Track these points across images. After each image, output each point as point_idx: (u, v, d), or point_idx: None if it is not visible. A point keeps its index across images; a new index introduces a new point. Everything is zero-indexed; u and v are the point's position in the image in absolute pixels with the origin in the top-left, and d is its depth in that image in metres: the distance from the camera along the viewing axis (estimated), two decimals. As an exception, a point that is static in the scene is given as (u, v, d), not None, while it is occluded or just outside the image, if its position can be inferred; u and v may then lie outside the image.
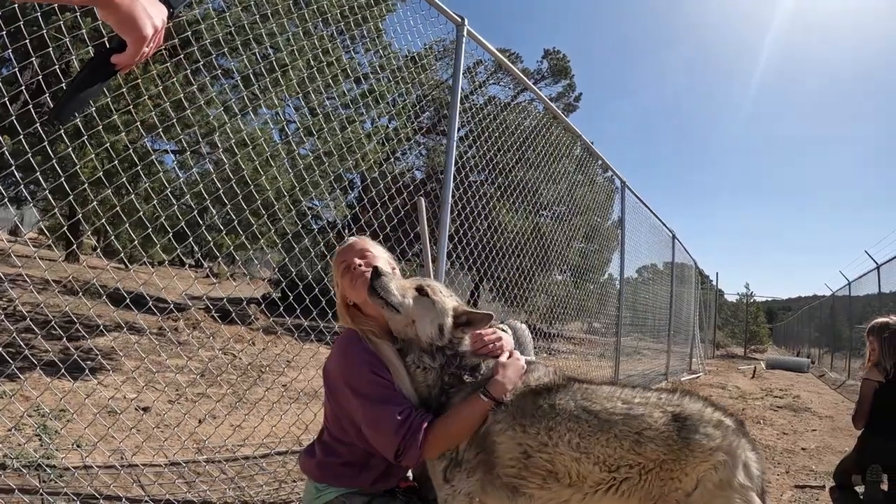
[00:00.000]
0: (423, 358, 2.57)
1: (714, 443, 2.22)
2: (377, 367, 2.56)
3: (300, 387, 7.46)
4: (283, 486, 4.87)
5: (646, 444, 2.24)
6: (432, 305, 2.60)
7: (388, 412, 2.45)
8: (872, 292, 19.66)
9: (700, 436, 2.23)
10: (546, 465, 2.31)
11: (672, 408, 2.34)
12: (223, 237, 7.01)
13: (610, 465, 2.25)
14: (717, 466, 2.19)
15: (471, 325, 2.65)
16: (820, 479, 6.63)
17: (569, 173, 9.89)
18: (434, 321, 2.58)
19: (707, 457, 2.20)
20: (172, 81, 5.91)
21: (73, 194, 4.83)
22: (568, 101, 27.82)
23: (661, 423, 2.27)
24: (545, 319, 12.23)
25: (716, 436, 2.24)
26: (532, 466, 2.33)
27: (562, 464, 2.29)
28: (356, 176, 13.33)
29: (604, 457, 2.26)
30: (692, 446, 2.22)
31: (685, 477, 2.21)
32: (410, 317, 2.57)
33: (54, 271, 8.94)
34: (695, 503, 2.19)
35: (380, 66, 7.20)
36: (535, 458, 2.32)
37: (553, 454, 2.30)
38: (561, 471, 2.30)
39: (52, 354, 4.72)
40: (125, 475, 4.44)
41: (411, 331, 2.58)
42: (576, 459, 2.27)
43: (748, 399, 13.23)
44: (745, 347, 43.55)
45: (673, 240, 16.77)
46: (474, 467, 2.41)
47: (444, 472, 2.45)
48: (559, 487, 2.31)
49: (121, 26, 1.39)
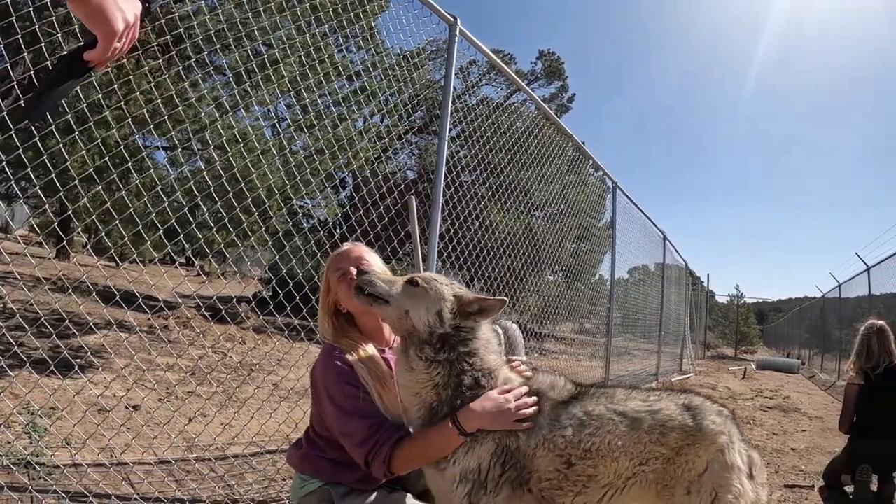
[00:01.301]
0: (425, 349, 2.41)
1: (720, 427, 2.44)
2: (354, 380, 2.57)
3: (290, 385, 7.44)
4: (273, 484, 4.86)
5: (669, 433, 2.41)
6: (425, 293, 2.46)
7: (357, 425, 2.47)
8: (863, 294, 19.75)
9: (709, 422, 2.44)
10: (588, 471, 2.35)
11: (681, 400, 2.55)
12: (214, 234, 6.98)
13: (642, 459, 2.38)
14: (723, 449, 2.40)
15: (483, 313, 2.52)
16: (809, 479, 6.66)
17: (561, 174, 9.90)
18: (430, 308, 2.44)
19: (716, 438, 2.40)
20: (164, 77, 5.89)
21: (63, 190, 4.80)
22: (561, 101, 27.85)
23: (678, 414, 2.45)
24: (536, 320, 12.23)
25: (719, 422, 2.47)
26: (573, 475, 2.35)
27: (603, 466, 2.36)
28: (347, 174, 13.32)
29: (637, 452, 2.38)
30: (704, 430, 2.41)
31: (698, 459, 2.39)
32: (402, 307, 2.45)
33: (44, 268, 8.89)
34: (704, 482, 2.37)
35: (372, 64, 7.19)
36: (578, 466, 2.35)
37: (596, 459, 2.35)
38: (601, 473, 2.36)
39: (42, 352, 4.69)
40: (114, 473, 4.43)
41: (407, 322, 2.45)
42: (615, 459, 2.36)
43: (738, 400, 13.27)
44: (736, 348, 43.71)
45: (664, 241, 16.82)
46: (500, 486, 2.32)
47: (467, 497, 2.31)
48: (595, 489, 2.38)
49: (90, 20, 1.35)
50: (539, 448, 2.34)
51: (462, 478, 2.33)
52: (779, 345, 49.49)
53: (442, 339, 2.43)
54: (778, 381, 19.29)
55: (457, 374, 2.42)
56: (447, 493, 2.39)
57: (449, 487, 2.36)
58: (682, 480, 2.38)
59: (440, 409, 2.41)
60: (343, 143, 7.15)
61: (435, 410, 2.42)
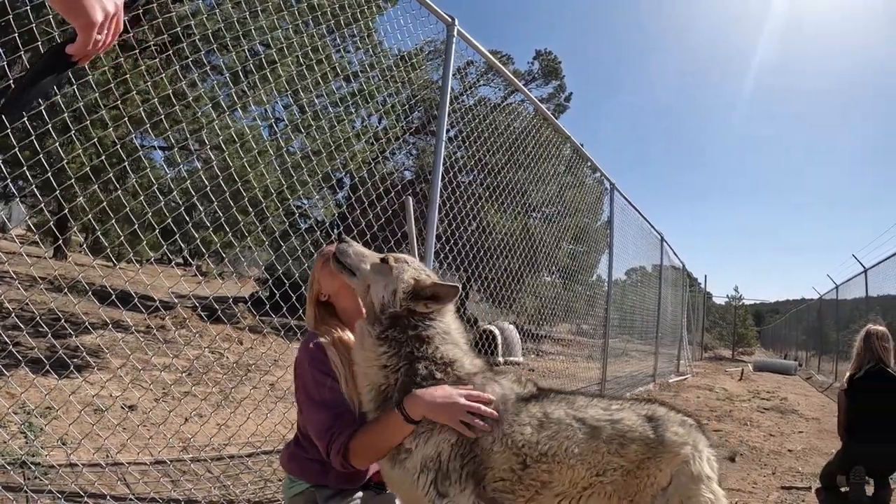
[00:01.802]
0: (376, 326, 2.42)
1: (682, 438, 2.38)
2: (327, 368, 2.57)
3: (286, 386, 7.42)
4: (269, 484, 4.85)
5: (629, 445, 2.34)
6: (389, 271, 2.49)
7: (322, 414, 2.48)
8: (860, 296, 19.77)
9: (671, 433, 2.38)
10: (543, 476, 2.28)
11: (644, 411, 2.48)
12: (211, 234, 6.98)
13: (599, 469, 2.31)
14: (688, 460, 2.34)
15: (436, 300, 2.46)
16: (806, 481, 6.67)
17: (558, 175, 9.90)
18: (388, 286, 2.46)
19: (679, 450, 2.34)
20: (162, 77, 5.89)
21: (60, 190, 4.79)
22: (558, 101, 27.83)
23: (639, 425, 2.39)
24: (533, 321, 12.25)
25: (682, 433, 2.40)
26: (527, 478, 2.28)
27: (558, 472, 2.29)
28: (345, 175, 13.31)
29: (594, 461, 2.31)
30: (666, 443, 2.35)
31: (660, 473, 2.33)
32: (366, 281, 2.50)
33: (41, 268, 8.88)
34: (670, 496, 2.31)
35: (370, 64, 7.19)
36: (533, 469, 2.27)
37: (552, 464, 2.28)
38: (556, 480, 2.29)
39: (38, 351, 4.70)
40: (110, 473, 4.42)
41: (368, 297, 2.50)
42: (571, 467, 2.29)
43: (735, 401, 13.29)
44: (733, 350, 43.74)
45: (661, 242, 16.82)
46: (463, 480, 2.26)
47: (433, 485, 2.25)
48: (548, 497, 2.31)
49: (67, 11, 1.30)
50: (497, 443, 2.28)
51: (423, 467, 2.27)
52: (776, 346, 49.53)
53: (393, 318, 2.42)
54: (775, 383, 19.32)
55: (407, 358, 2.37)
56: (410, 488, 2.33)
57: (411, 480, 2.30)
58: (645, 495, 2.33)
59: (391, 395, 2.36)
60: (340, 143, 7.15)
61: (386, 395, 2.38)
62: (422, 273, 2.55)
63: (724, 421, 10.36)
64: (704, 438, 2.46)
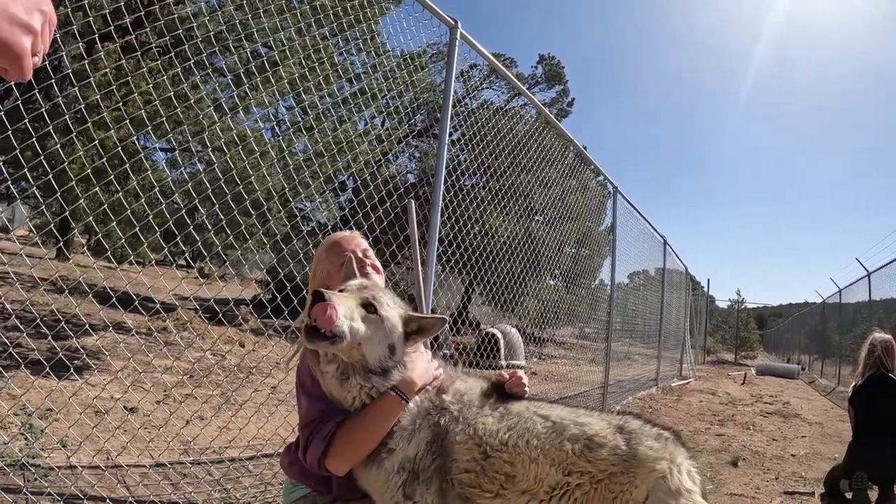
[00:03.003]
0: (372, 379, 2.28)
1: (658, 453, 2.29)
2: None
3: (288, 389, 7.40)
4: (270, 488, 4.84)
5: (597, 450, 2.27)
6: (381, 323, 2.28)
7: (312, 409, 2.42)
8: (863, 299, 19.75)
9: (645, 448, 2.29)
10: (506, 468, 2.25)
11: (616, 421, 2.42)
12: (213, 236, 6.98)
13: (564, 469, 2.26)
14: (665, 475, 2.24)
15: (422, 333, 2.41)
16: (809, 486, 6.65)
17: (561, 178, 9.89)
18: (383, 341, 2.29)
19: (654, 465, 2.25)
20: (164, 79, 5.88)
21: (61, 191, 4.78)
22: (561, 105, 27.86)
23: (609, 433, 2.33)
24: (536, 324, 12.23)
25: (657, 447, 2.31)
26: (490, 469, 2.25)
27: (521, 464, 2.25)
28: (347, 177, 13.31)
29: (559, 459, 2.26)
30: (640, 457, 2.27)
31: (635, 489, 2.24)
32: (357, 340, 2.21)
33: (43, 269, 8.88)
34: None
35: (373, 66, 7.18)
36: (494, 459, 2.25)
37: (513, 454, 2.25)
38: (520, 473, 2.25)
39: (39, 353, 4.69)
40: (110, 475, 4.41)
41: (357, 353, 2.25)
42: (534, 460, 2.25)
43: (738, 405, 13.26)
44: (736, 353, 43.65)
45: (664, 245, 16.81)
46: (431, 477, 2.25)
47: (401, 488, 2.23)
48: (515, 494, 2.26)
49: None
50: (461, 433, 2.29)
51: (400, 467, 2.25)
52: (779, 350, 49.49)
53: (386, 368, 2.31)
54: (778, 387, 19.29)
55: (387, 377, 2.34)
56: (381, 488, 2.29)
57: (384, 480, 2.27)
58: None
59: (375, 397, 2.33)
60: (343, 145, 7.14)
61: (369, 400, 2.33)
62: (397, 305, 2.43)
63: (726, 425, 10.34)
64: (683, 451, 2.38)
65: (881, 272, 17.81)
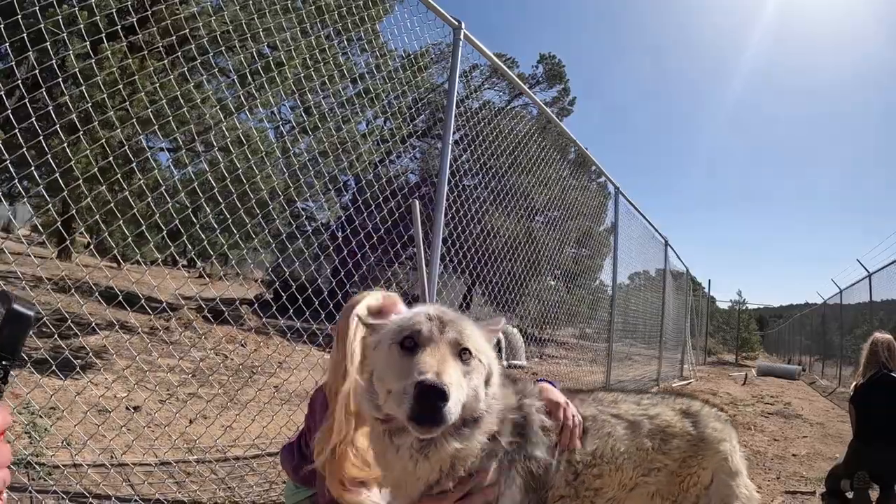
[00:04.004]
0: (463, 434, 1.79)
1: (721, 434, 2.29)
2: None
3: (291, 388, 7.44)
4: (274, 486, 4.85)
5: (670, 440, 2.22)
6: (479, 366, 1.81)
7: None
8: (864, 300, 19.74)
9: (710, 430, 2.28)
10: (595, 483, 2.08)
11: (679, 405, 2.37)
12: (216, 236, 7.00)
13: (644, 469, 2.17)
14: (727, 457, 2.25)
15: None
16: (810, 486, 6.66)
17: (562, 178, 9.89)
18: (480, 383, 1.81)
19: (718, 446, 2.25)
20: (168, 79, 5.89)
21: (66, 190, 4.80)
22: (563, 105, 27.85)
23: (678, 420, 2.28)
24: (537, 324, 12.23)
25: (720, 428, 2.31)
26: (582, 489, 2.05)
27: (608, 475, 2.11)
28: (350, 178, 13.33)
29: (640, 460, 2.16)
30: (707, 439, 2.25)
31: (703, 471, 2.23)
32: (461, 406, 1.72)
33: (46, 268, 8.88)
34: (712, 495, 2.22)
35: (376, 66, 7.19)
36: (585, 477, 2.06)
37: (601, 466, 2.09)
38: (606, 484, 2.10)
39: (43, 352, 4.69)
40: (115, 474, 4.42)
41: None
42: (619, 467, 2.11)
43: (739, 405, 13.26)
44: (737, 354, 43.63)
45: (665, 246, 16.81)
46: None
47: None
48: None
49: None
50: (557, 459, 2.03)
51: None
52: (779, 351, 49.45)
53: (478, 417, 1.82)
54: (778, 388, 19.27)
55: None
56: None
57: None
58: (689, 495, 2.19)
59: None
60: (346, 145, 7.16)
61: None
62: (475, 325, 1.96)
63: (728, 426, 10.33)
64: (735, 432, 2.40)
65: (882, 273, 17.81)
